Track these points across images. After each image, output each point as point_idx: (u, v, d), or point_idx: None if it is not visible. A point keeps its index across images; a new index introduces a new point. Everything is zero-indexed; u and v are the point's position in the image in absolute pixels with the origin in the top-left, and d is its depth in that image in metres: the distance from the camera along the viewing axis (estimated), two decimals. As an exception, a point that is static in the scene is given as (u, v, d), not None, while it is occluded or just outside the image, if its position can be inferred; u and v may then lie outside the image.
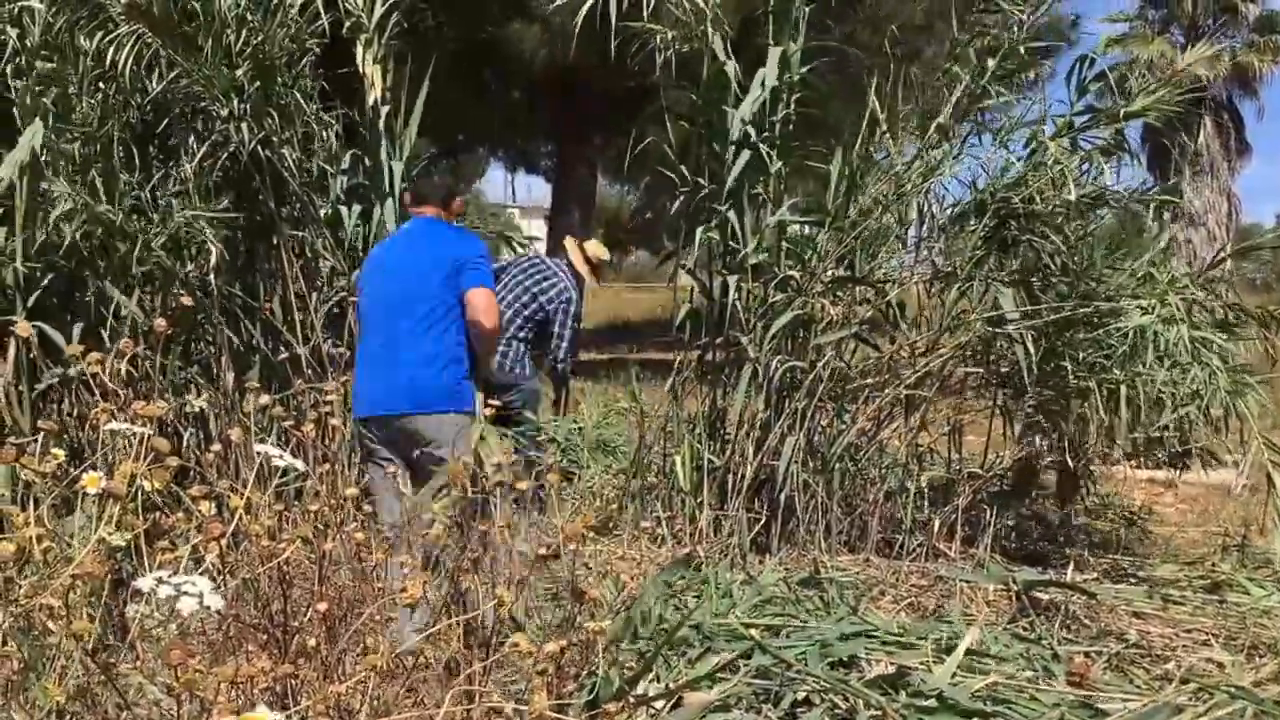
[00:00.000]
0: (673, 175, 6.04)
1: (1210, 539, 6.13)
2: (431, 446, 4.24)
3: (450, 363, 4.37)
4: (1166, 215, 5.87)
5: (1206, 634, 4.61)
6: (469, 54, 13.97)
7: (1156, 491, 7.28)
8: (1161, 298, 5.22)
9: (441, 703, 2.01)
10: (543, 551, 2.41)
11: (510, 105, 17.86)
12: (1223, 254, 6.17)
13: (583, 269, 6.95)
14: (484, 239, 5.58)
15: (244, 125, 5.39)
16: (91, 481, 1.77)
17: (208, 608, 1.70)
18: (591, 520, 2.53)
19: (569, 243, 7.07)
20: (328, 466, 3.00)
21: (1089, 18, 35.38)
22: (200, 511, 2.12)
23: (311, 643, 2.17)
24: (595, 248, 7.13)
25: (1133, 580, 5.36)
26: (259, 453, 2.10)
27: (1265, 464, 4.97)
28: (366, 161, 5.86)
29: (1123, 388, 5.37)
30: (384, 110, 5.77)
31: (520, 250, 8.98)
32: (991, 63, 5.57)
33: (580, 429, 8.11)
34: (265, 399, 2.99)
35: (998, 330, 5.51)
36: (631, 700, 3.32)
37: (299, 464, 2.12)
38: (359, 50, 5.73)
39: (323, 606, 2.20)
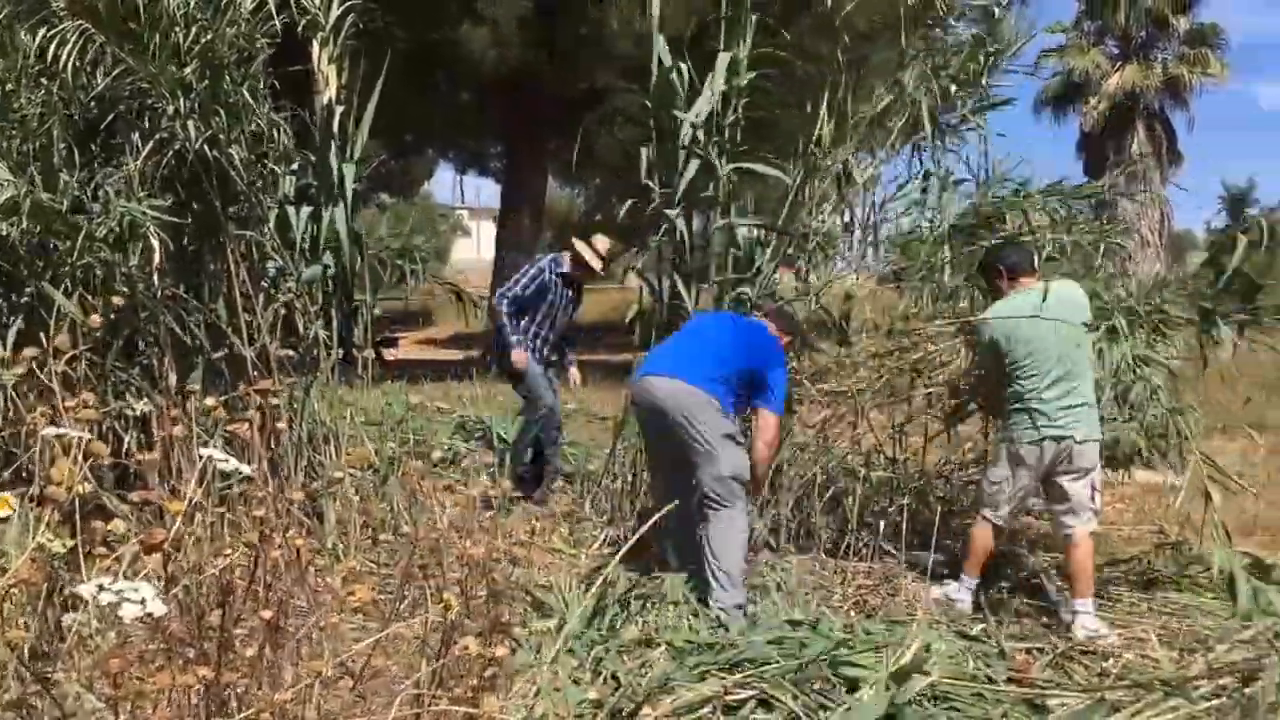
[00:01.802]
0: (623, 178, 6.06)
1: (1146, 538, 6.23)
2: None
3: None
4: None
5: (1143, 631, 4.70)
6: (418, 55, 13.91)
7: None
8: (1106, 315, 5.32)
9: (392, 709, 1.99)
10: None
11: (459, 106, 17.78)
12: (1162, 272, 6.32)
13: (596, 264, 6.98)
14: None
15: (191, 123, 5.31)
16: (3, 504, 1.72)
17: (150, 615, 1.68)
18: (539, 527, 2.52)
19: (578, 244, 7.08)
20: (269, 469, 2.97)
21: (1027, 27, 35.84)
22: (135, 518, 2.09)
23: (252, 651, 2.15)
24: (602, 241, 7.17)
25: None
26: (201, 455, 2.08)
27: (1203, 478, 5.07)
28: (317, 162, 5.81)
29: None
30: (338, 110, 5.73)
31: None
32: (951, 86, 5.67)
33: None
34: (210, 400, 2.95)
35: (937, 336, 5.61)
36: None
37: (245, 467, 2.09)
38: (315, 49, 5.67)
39: (267, 614, 2.18)
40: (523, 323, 6.85)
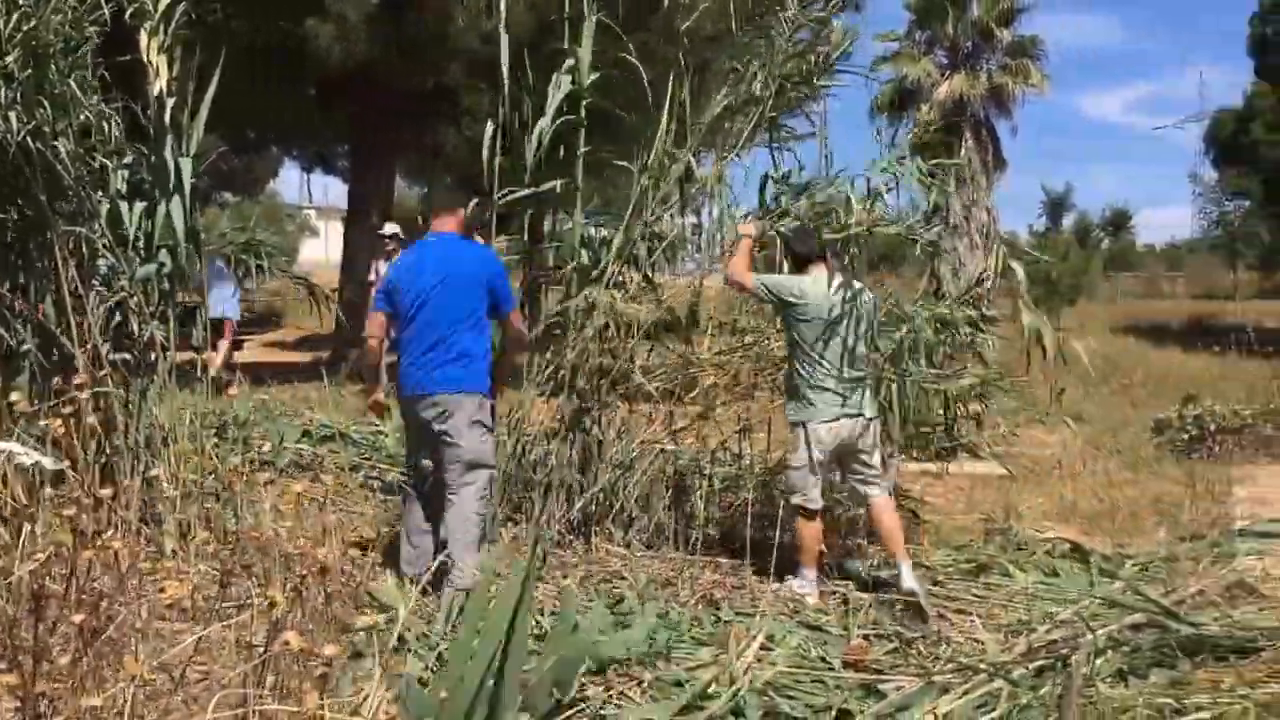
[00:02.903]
0: (472, 177, 6.05)
1: (976, 526, 6.52)
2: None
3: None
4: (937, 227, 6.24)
5: (973, 615, 4.92)
6: (261, 49, 13.56)
7: (929, 482, 7.70)
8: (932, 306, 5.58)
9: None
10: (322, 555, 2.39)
11: (304, 102, 17.35)
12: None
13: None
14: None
15: (12, 115, 5.08)
16: None
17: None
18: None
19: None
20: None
21: (862, 34, 37.02)
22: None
23: (67, 659, 2.08)
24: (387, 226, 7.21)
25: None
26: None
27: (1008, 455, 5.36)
28: (151, 156, 5.62)
29: (894, 386, 5.72)
30: (169, 103, 5.54)
31: None
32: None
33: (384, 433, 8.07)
34: (15, 395, 2.84)
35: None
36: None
37: (46, 460, 2.03)
38: (144, 38, 5.48)
39: (79, 618, 2.11)
40: None
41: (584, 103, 5.74)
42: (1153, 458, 9.56)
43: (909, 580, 5.08)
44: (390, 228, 10.00)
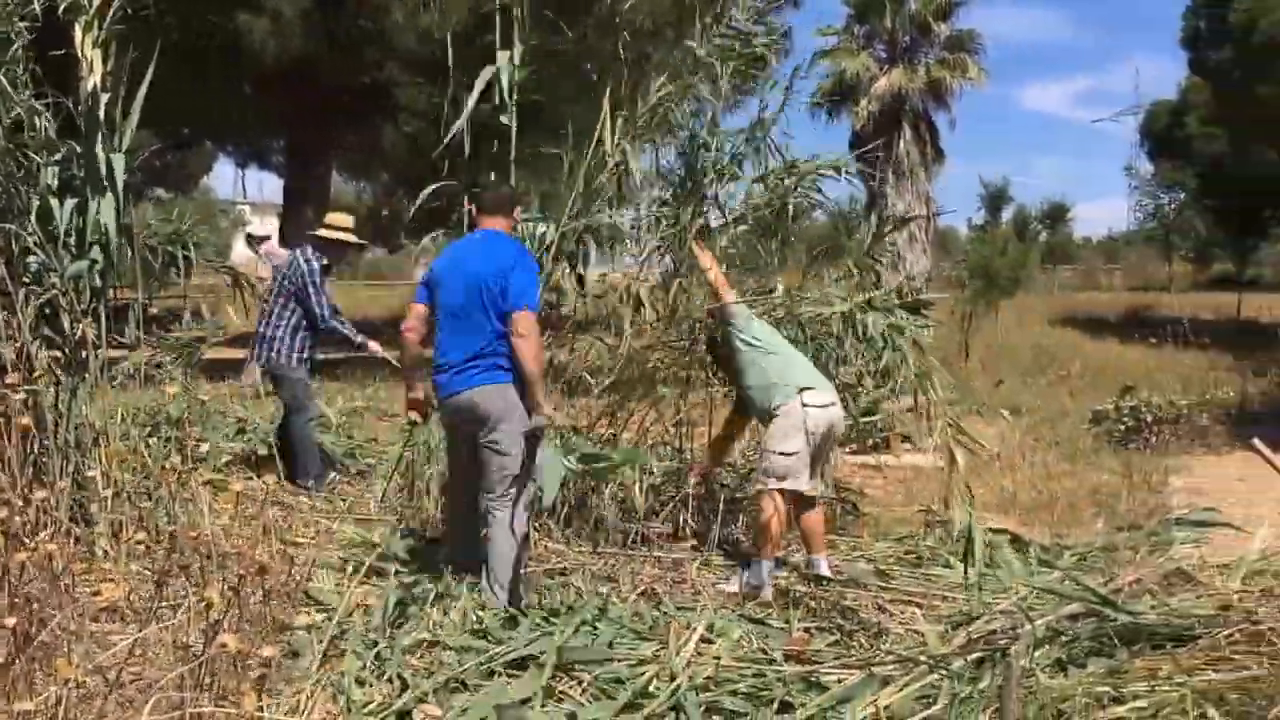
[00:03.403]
0: (409, 172, 6.02)
1: (915, 518, 6.59)
2: None
3: None
4: (874, 218, 6.31)
5: (913, 606, 4.97)
6: (195, 44, 13.37)
7: (867, 474, 7.77)
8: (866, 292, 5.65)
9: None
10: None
11: (239, 98, 17.12)
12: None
13: (353, 237, 7.30)
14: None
15: (-58, 109, 4.97)
16: None
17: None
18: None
19: (329, 233, 7.19)
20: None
21: (801, 30, 37.24)
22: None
23: (-1, 663, 2.05)
24: (341, 217, 7.18)
25: (850, 559, 5.71)
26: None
27: (949, 443, 5.43)
28: (83, 152, 5.51)
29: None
30: (103, 98, 5.45)
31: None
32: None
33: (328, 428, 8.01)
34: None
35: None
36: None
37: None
38: (78, 33, 5.38)
39: (10, 621, 2.08)
40: (300, 334, 6.81)
41: (514, 96, 5.70)
42: (1090, 449, 9.68)
43: (825, 570, 5.24)
44: (263, 228, 9.90)
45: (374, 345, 7.09)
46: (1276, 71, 18.15)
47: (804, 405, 5.20)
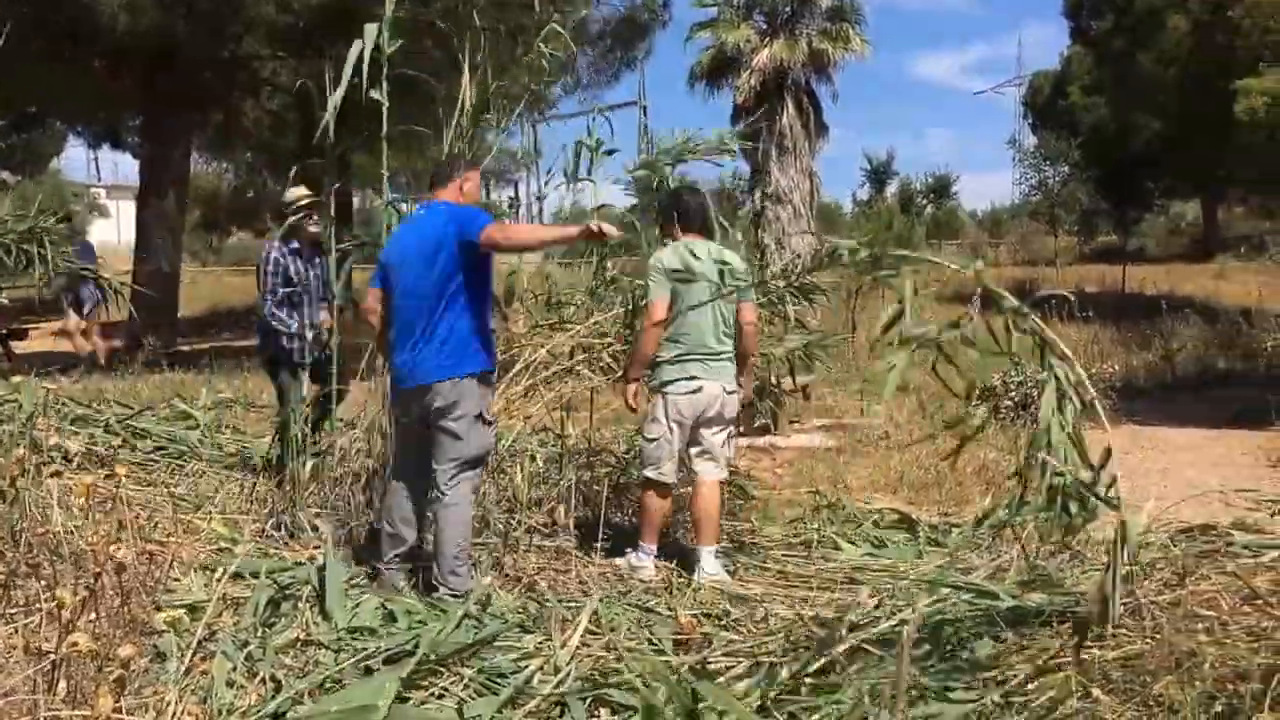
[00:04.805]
0: (273, 150, 5.74)
1: (805, 500, 6.55)
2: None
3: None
4: (758, 194, 6.24)
5: (802, 590, 4.92)
6: (40, 17, 12.68)
7: (756, 457, 7.72)
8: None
9: None
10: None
11: (90, 75, 16.30)
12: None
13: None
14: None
15: None
16: None
17: None
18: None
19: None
20: None
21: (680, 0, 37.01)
22: None
23: None
24: (297, 191, 6.69)
25: (740, 543, 5.65)
26: None
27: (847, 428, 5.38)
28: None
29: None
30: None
31: None
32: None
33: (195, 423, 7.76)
34: None
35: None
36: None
37: None
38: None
39: None
40: (294, 323, 6.39)
41: (385, 71, 5.44)
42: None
43: (708, 569, 5.06)
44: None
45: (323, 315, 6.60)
46: (1158, 40, 18.19)
47: (664, 390, 5.11)
